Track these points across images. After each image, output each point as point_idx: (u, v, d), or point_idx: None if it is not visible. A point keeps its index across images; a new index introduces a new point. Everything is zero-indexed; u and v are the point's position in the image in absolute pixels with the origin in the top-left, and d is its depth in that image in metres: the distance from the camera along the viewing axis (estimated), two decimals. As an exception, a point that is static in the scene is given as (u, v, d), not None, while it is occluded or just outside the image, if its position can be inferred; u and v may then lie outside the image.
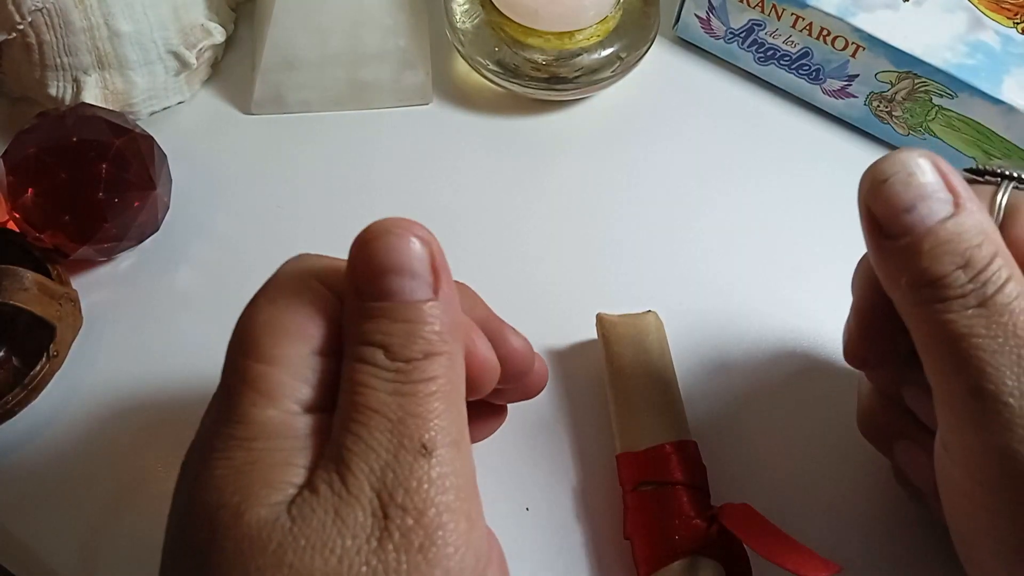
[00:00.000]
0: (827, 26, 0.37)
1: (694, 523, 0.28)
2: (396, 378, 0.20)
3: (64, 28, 0.34)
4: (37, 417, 0.32)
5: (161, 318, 0.34)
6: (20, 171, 0.32)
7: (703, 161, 0.39)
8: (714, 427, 0.32)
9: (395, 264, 0.20)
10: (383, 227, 0.21)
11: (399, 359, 0.20)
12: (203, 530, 0.19)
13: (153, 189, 0.33)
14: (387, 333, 0.20)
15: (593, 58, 0.38)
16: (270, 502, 0.19)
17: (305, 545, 0.18)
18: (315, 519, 0.19)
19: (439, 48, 0.41)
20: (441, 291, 0.21)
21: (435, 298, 0.21)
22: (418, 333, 0.20)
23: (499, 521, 0.30)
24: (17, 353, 0.33)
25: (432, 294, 0.21)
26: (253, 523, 0.19)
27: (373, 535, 0.19)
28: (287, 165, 0.38)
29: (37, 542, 0.30)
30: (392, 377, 0.20)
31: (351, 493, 0.19)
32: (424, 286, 0.21)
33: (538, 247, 0.37)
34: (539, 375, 0.28)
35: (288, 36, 0.38)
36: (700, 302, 0.35)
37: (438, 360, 0.20)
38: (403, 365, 0.20)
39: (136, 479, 0.31)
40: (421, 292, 0.20)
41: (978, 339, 0.21)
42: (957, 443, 0.22)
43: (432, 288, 0.21)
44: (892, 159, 0.23)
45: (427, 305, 0.20)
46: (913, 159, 0.23)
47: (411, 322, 0.20)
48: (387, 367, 0.20)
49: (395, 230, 0.21)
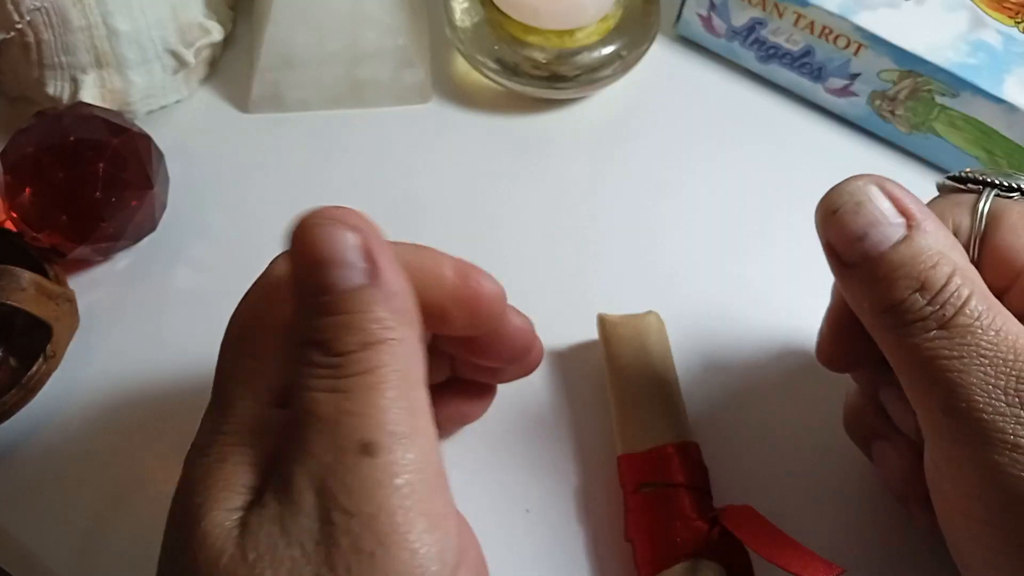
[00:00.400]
0: (829, 24, 0.37)
1: (696, 525, 0.28)
2: (333, 374, 0.19)
3: (62, 27, 0.34)
4: (34, 417, 0.32)
5: (159, 317, 0.34)
6: (17, 170, 0.32)
7: (704, 160, 0.39)
8: (716, 428, 0.32)
9: (324, 255, 0.20)
10: (309, 220, 0.20)
11: (335, 354, 0.19)
12: (172, 533, 0.20)
13: (151, 188, 0.33)
14: (321, 328, 0.20)
15: (593, 56, 0.38)
16: (228, 507, 0.19)
17: (254, 560, 0.18)
18: (263, 532, 0.18)
19: (438, 46, 0.41)
20: (380, 276, 0.20)
21: (371, 284, 0.20)
22: (353, 324, 0.19)
23: (499, 523, 0.30)
24: (14, 353, 0.33)
25: (367, 280, 0.20)
26: (209, 531, 0.19)
27: (321, 544, 0.18)
28: (285, 164, 0.38)
29: (35, 542, 0.30)
30: (329, 374, 0.19)
31: (294, 501, 0.18)
32: (357, 274, 0.20)
33: (538, 246, 0.36)
34: (538, 352, 0.28)
35: (286, 34, 0.37)
36: (701, 302, 0.35)
37: (379, 349, 0.19)
38: (339, 360, 0.19)
39: (133, 479, 0.31)
40: (354, 280, 0.20)
41: (944, 360, 0.21)
42: (941, 457, 0.23)
43: (367, 274, 0.20)
44: (840, 189, 0.24)
45: (361, 293, 0.20)
46: (861, 186, 0.23)
47: (345, 313, 0.20)
48: (324, 364, 0.19)
49: (320, 221, 0.20)
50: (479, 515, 0.30)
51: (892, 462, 0.27)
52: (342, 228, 0.20)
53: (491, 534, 0.30)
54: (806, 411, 0.33)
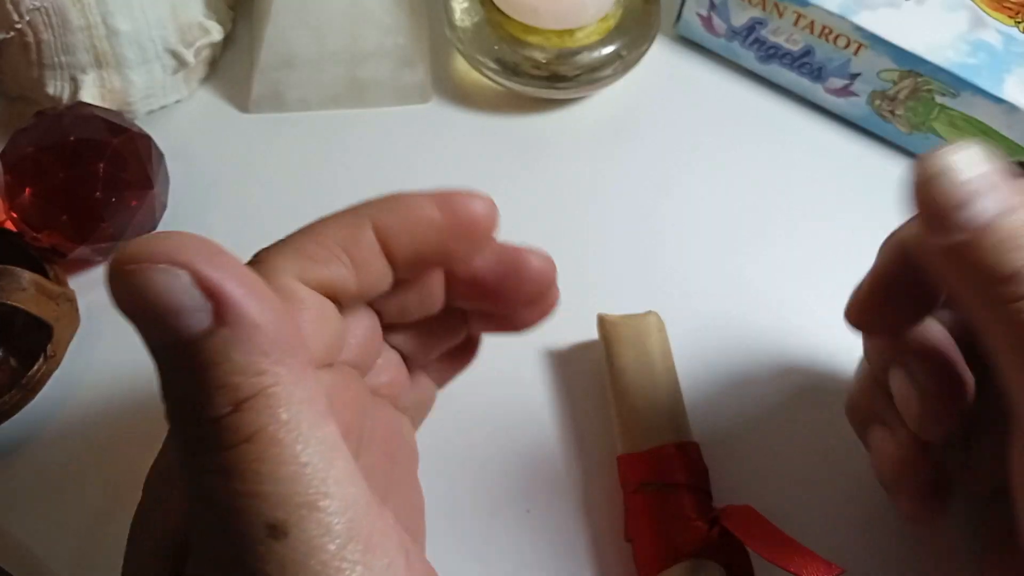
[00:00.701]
0: (829, 24, 0.37)
1: (696, 525, 0.28)
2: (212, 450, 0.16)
3: (62, 27, 0.34)
4: (34, 417, 0.32)
5: (159, 318, 0.34)
6: (17, 170, 0.32)
7: (704, 160, 0.39)
8: (716, 428, 0.32)
9: (151, 308, 0.15)
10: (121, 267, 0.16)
11: (204, 423, 0.16)
12: None
13: (151, 188, 0.33)
14: (180, 396, 0.16)
15: (593, 56, 0.38)
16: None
17: None
18: None
19: (438, 46, 0.41)
20: (229, 311, 0.16)
21: (220, 324, 0.16)
22: (213, 382, 0.16)
23: (500, 522, 0.30)
24: (14, 353, 0.33)
25: (213, 321, 0.16)
26: None
27: None
28: (285, 164, 0.38)
29: (35, 542, 0.30)
30: (207, 451, 0.16)
31: None
32: (198, 317, 0.15)
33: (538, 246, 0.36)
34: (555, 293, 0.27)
35: (286, 34, 0.37)
36: (702, 302, 0.35)
37: (254, 406, 0.16)
38: (212, 430, 0.16)
39: (134, 479, 0.31)
40: (196, 326, 0.15)
41: None
42: None
43: (212, 313, 0.16)
44: (941, 154, 0.22)
45: (210, 341, 0.16)
46: (963, 153, 0.22)
47: (199, 371, 0.16)
48: (197, 439, 0.16)
49: (134, 265, 0.15)
50: (480, 515, 0.30)
51: (888, 449, 0.27)
52: (163, 266, 0.15)
53: (492, 534, 0.30)
54: (806, 411, 0.33)
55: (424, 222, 0.22)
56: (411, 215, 0.22)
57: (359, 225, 0.22)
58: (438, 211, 0.22)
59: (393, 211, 0.22)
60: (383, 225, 0.22)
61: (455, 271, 0.24)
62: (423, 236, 0.22)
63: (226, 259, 0.16)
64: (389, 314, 0.24)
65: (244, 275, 0.16)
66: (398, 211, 0.22)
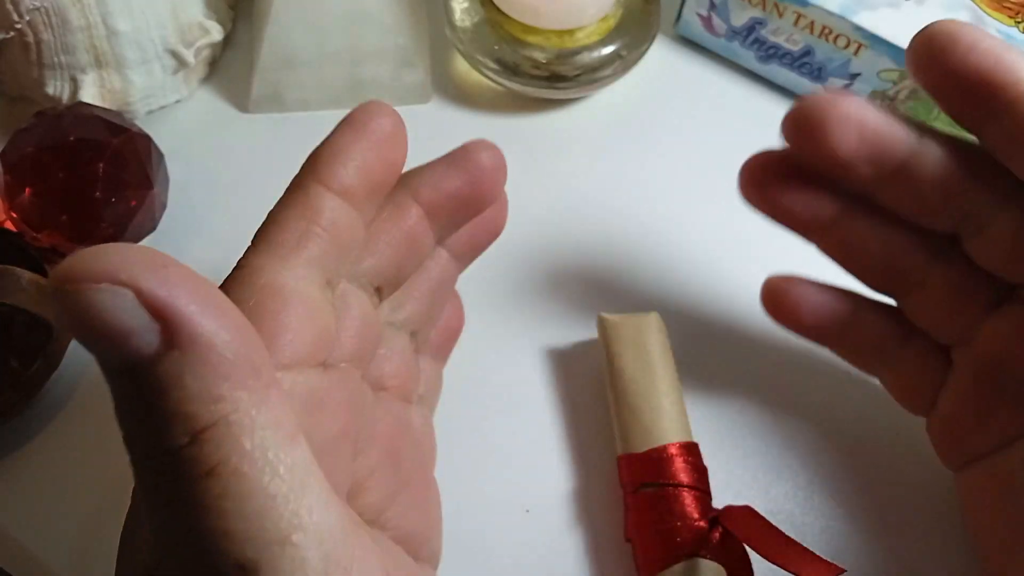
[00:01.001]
0: (829, 24, 0.37)
1: (696, 525, 0.28)
2: (167, 485, 0.15)
3: (62, 27, 0.34)
4: (33, 418, 0.32)
5: (159, 318, 0.34)
6: (17, 170, 0.32)
7: (704, 160, 0.39)
8: (716, 428, 0.32)
9: (95, 332, 0.14)
10: (63, 286, 0.14)
11: (160, 456, 0.15)
12: None
13: (151, 188, 0.33)
14: (134, 426, 0.15)
15: (594, 56, 0.38)
16: None
17: None
18: None
19: (439, 46, 0.41)
20: (180, 331, 0.14)
21: (170, 347, 0.14)
22: (165, 412, 0.14)
23: (499, 522, 0.30)
24: (14, 354, 0.33)
25: (162, 344, 0.14)
26: None
27: None
28: (286, 164, 0.38)
29: (33, 542, 0.30)
30: (162, 485, 0.15)
31: None
32: (146, 339, 0.14)
33: (538, 246, 0.36)
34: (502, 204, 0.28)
35: (286, 34, 0.37)
36: (701, 302, 0.35)
37: (211, 437, 0.14)
38: (169, 464, 0.15)
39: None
40: (144, 350, 0.14)
41: None
42: None
43: (160, 334, 0.14)
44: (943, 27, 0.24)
45: (160, 366, 0.14)
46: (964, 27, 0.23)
47: (149, 399, 0.14)
48: (157, 471, 0.15)
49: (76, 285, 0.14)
50: (478, 515, 0.30)
51: None
52: (105, 285, 0.14)
53: (491, 534, 0.30)
54: (806, 411, 0.33)
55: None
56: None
57: (307, 193, 0.21)
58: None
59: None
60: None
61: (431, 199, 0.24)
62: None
63: (177, 273, 0.15)
64: (388, 284, 0.24)
65: (197, 289, 0.15)
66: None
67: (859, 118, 0.25)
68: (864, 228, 0.28)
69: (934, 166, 0.26)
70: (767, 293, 0.30)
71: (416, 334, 0.27)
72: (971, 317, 0.27)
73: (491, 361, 0.33)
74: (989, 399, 0.27)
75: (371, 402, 0.24)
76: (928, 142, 0.26)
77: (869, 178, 0.26)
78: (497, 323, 0.34)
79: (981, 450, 0.27)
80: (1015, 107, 0.23)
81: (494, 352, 0.33)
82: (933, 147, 0.26)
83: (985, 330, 0.27)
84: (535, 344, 0.34)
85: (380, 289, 0.24)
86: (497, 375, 0.33)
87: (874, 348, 0.30)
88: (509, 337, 0.34)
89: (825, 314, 0.30)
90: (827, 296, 0.30)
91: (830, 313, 0.30)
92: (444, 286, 0.27)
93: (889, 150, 0.26)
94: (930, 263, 0.27)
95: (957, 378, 0.28)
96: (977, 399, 0.27)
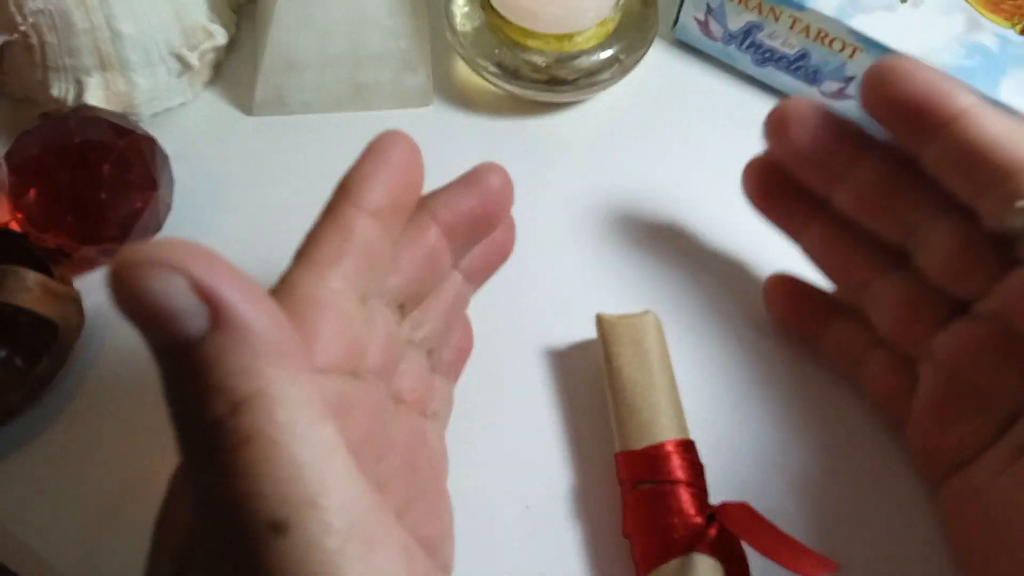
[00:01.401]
0: (825, 28, 0.37)
1: (692, 521, 0.28)
2: (209, 451, 0.16)
3: (66, 29, 0.35)
4: (39, 417, 0.32)
5: (163, 318, 0.35)
6: (23, 172, 0.32)
7: (701, 162, 0.39)
8: (713, 426, 0.32)
9: (148, 311, 0.16)
10: (120, 272, 0.16)
11: (203, 425, 0.16)
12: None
13: (155, 190, 0.34)
14: (180, 398, 0.17)
15: (592, 60, 0.38)
16: None
17: None
18: None
19: (439, 50, 0.41)
20: (224, 314, 0.16)
21: (215, 328, 0.16)
22: (209, 385, 0.16)
23: (499, 519, 0.31)
24: (19, 353, 0.33)
25: (209, 324, 0.16)
26: None
27: None
28: (289, 166, 0.39)
29: (39, 541, 0.30)
30: (204, 451, 0.16)
31: None
32: (195, 321, 0.16)
33: (538, 248, 0.37)
34: (510, 228, 0.29)
35: (289, 38, 0.38)
36: (699, 302, 0.35)
37: (250, 408, 0.16)
38: (211, 432, 0.16)
39: (138, 479, 0.31)
40: (192, 330, 0.16)
41: None
42: None
43: (208, 317, 0.16)
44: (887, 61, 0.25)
45: (206, 345, 0.16)
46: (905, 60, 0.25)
47: (196, 374, 0.16)
48: (200, 440, 0.16)
49: (132, 271, 0.16)
50: (479, 511, 0.31)
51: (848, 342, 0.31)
52: (161, 271, 0.16)
53: (491, 530, 0.30)
54: (802, 409, 0.33)
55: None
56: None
57: (341, 214, 0.23)
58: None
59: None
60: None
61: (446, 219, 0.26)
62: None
63: (223, 266, 0.16)
64: (411, 301, 0.26)
65: (240, 281, 0.16)
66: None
67: (815, 118, 0.28)
68: (828, 234, 0.30)
69: (877, 173, 0.28)
70: (769, 291, 0.33)
71: (432, 352, 0.28)
72: (924, 330, 0.28)
73: (491, 360, 0.33)
74: (952, 410, 0.28)
75: (392, 413, 0.25)
76: (874, 149, 0.28)
77: (823, 180, 0.29)
78: (497, 323, 0.34)
79: (951, 462, 0.28)
80: (946, 130, 0.25)
81: (494, 351, 0.33)
82: (877, 155, 0.28)
83: (938, 344, 0.28)
84: (534, 344, 0.34)
85: (403, 306, 0.26)
86: (497, 374, 0.33)
87: (845, 353, 0.31)
88: (508, 336, 0.34)
89: (808, 314, 0.32)
90: (812, 296, 0.33)
91: (810, 313, 0.32)
92: (458, 307, 0.29)
93: (837, 152, 0.28)
94: (884, 274, 0.29)
95: (922, 390, 0.29)
96: (941, 411, 0.28)
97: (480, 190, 0.27)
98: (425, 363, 0.28)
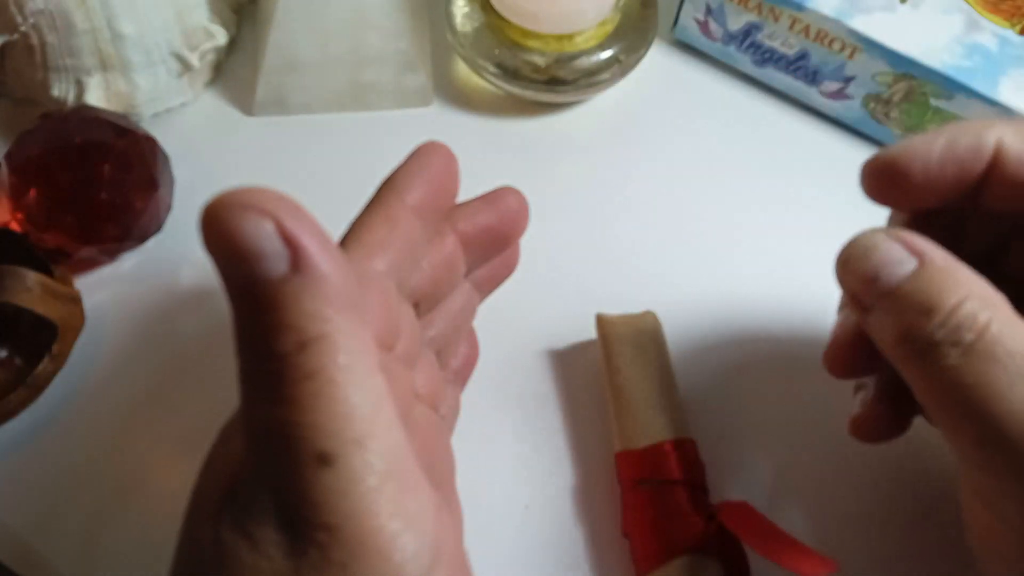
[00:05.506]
0: (824, 28, 0.37)
1: (692, 521, 0.28)
2: (273, 385, 0.17)
3: (66, 30, 0.35)
4: (39, 416, 0.32)
5: (163, 318, 0.35)
6: (23, 172, 0.32)
7: (701, 162, 0.39)
8: (712, 425, 0.32)
9: (235, 250, 0.17)
10: (213, 211, 0.17)
11: (270, 359, 0.17)
12: None
13: (156, 190, 0.34)
14: (251, 333, 0.18)
15: (592, 60, 0.38)
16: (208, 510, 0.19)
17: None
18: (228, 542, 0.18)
19: (440, 51, 0.41)
20: (305, 261, 0.17)
21: (295, 272, 0.17)
22: (282, 322, 0.17)
23: (499, 518, 0.31)
24: (19, 353, 0.33)
25: (290, 269, 0.17)
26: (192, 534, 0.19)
27: (290, 556, 0.17)
28: (289, 166, 0.39)
29: (38, 539, 0.30)
30: (269, 385, 0.17)
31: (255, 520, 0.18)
32: (277, 263, 0.17)
33: (538, 248, 0.37)
34: (516, 245, 0.30)
35: (290, 39, 0.38)
36: (698, 302, 0.35)
37: (316, 348, 0.17)
38: (275, 366, 0.17)
39: (138, 479, 0.32)
40: (274, 271, 0.17)
41: (969, 389, 0.21)
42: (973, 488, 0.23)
43: (289, 262, 0.17)
44: (852, 240, 0.24)
45: (284, 285, 0.17)
46: (870, 235, 0.24)
47: (271, 311, 0.17)
48: (262, 373, 0.17)
49: (226, 211, 0.17)
50: (479, 510, 0.31)
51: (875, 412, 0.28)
52: (252, 214, 0.17)
53: (491, 529, 0.30)
54: (802, 409, 0.33)
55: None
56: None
57: (388, 204, 0.25)
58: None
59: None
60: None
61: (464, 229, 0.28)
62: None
63: (307, 217, 0.18)
64: (426, 301, 0.27)
65: (319, 233, 0.18)
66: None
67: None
68: None
69: None
70: None
71: (440, 354, 0.29)
72: None
73: (491, 360, 0.33)
74: None
75: (414, 405, 0.26)
76: None
77: None
78: (497, 323, 0.34)
79: None
80: (989, 172, 0.25)
81: (494, 351, 0.33)
82: None
83: None
84: (534, 343, 0.34)
85: (418, 305, 0.26)
86: (497, 374, 0.33)
87: None
88: (509, 336, 0.34)
89: None
90: None
91: None
92: (466, 314, 0.30)
93: None
94: None
95: None
96: None
97: (499, 208, 0.28)
98: (436, 362, 0.28)
